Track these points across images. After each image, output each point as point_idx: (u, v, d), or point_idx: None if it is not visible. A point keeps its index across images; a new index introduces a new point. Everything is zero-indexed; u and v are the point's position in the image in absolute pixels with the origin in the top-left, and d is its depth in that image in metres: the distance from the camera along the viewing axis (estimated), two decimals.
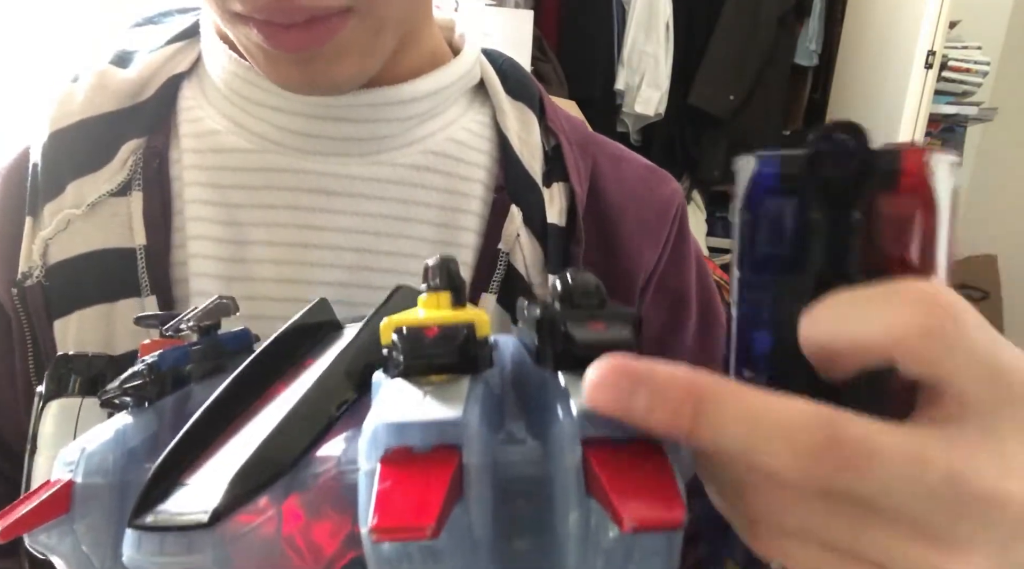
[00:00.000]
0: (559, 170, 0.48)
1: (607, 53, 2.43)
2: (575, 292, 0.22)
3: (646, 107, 2.44)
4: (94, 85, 0.44)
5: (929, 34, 2.05)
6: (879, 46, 2.31)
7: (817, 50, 2.57)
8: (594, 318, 0.22)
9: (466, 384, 0.21)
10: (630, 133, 2.59)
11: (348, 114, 0.43)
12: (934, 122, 2.30)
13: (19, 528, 0.24)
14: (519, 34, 1.93)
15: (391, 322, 0.22)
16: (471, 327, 0.22)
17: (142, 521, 0.21)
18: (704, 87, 2.49)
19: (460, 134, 0.48)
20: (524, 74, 0.52)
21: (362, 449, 0.19)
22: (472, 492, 0.18)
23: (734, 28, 2.46)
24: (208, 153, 0.44)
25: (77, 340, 0.41)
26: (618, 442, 0.19)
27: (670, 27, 2.42)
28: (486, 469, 0.19)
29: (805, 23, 2.54)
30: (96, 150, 0.43)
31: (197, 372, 0.29)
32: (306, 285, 0.43)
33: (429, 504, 0.17)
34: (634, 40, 2.39)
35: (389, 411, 0.19)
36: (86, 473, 0.25)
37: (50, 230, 0.41)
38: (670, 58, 2.44)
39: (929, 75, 2.08)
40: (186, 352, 0.29)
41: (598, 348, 0.20)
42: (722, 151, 2.57)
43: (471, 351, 0.21)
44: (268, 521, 0.21)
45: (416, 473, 0.18)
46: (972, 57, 2.32)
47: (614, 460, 0.18)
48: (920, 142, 2.05)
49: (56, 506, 0.24)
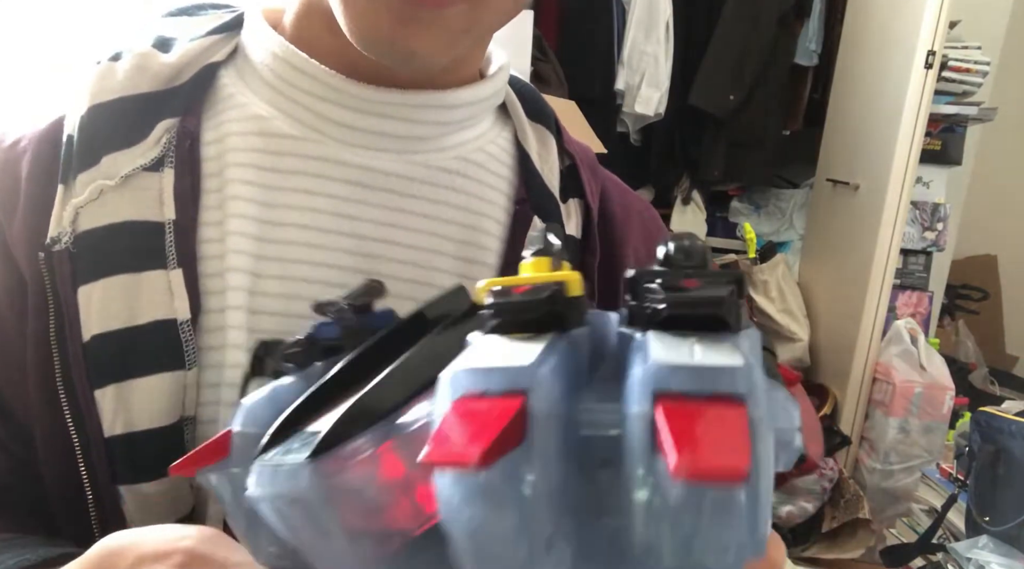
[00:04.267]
0: (574, 187, 0.53)
1: (607, 53, 2.43)
2: (675, 254, 0.22)
3: (646, 107, 2.44)
4: (136, 66, 0.45)
5: (929, 34, 2.05)
6: (879, 46, 2.31)
7: (817, 50, 2.57)
8: (689, 276, 0.21)
9: (549, 338, 0.20)
10: (630, 133, 2.59)
11: (392, 111, 0.46)
12: (934, 122, 2.29)
13: (186, 466, 0.28)
14: (519, 34, 1.93)
15: (490, 282, 0.22)
16: (561, 285, 0.21)
17: (263, 457, 0.23)
18: (704, 87, 2.49)
19: (489, 147, 0.51)
20: (540, 98, 0.56)
21: (439, 395, 0.20)
22: (536, 440, 0.18)
23: (734, 28, 2.46)
24: (252, 136, 0.45)
25: (101, 308, 0.41)
26: (697, 397, 0.17)
27: (670, 27, 2.42)
28: (553, 419, 0.19)
29: (805, 23, 2.53)
30: (132, 127, 0.44)
31: (348, 344, 0.32)
32: (335, 269, 0.45)
33: (481, 439, 0.17)
34: (634, 40, 2.39)
35: (467, 360, 0.20)
36: (243, 423, 0.28)
37: (83, 198, 0.42)
38: (670, 58, 2.44)
39: (929, 75, 2.08)
40: (338, 326, 0.32)
41: (687, 304, 0.20)
42: (722, 151, 2.57)
43: (557, 308, 0.21)
44: (364, 461, 0.22)
45: (479, 415, 0.18)
46: (972, 57, 2.32)
47: (685, 414, 0.17)
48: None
49: (218, 450, 0.28)
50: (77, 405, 0.42)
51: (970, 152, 2.57)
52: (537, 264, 0.23)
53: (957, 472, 1.85)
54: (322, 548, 0.22)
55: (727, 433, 0.16)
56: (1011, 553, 1.53)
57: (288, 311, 0.44)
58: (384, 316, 0.34)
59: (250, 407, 0.28)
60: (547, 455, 0.18)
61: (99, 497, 0.43)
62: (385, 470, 0.22)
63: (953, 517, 1.80)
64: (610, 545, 0.20)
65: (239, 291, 0.43)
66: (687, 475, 0.16)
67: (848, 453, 2.36)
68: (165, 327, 0.42)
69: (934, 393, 2.17)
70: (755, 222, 2.80)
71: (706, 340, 0.19)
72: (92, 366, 0.41)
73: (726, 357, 0.18)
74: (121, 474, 0.42)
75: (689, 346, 0.19)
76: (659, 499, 0.17)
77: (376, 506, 0.22)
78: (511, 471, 0.17)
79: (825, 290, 2.62)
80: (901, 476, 2.19)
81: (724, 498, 0.17)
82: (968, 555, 1.56)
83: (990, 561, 1.52)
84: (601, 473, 0.20)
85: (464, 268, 0.48)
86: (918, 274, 2.45)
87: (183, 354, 0.42)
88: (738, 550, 0.17)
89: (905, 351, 2.24)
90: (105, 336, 0.41)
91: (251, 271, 0.44)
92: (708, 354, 0.18)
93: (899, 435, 2.20)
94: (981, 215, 2.93)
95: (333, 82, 0.44)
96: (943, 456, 2.11)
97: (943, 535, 1.81)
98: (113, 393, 0.41)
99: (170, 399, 0.42)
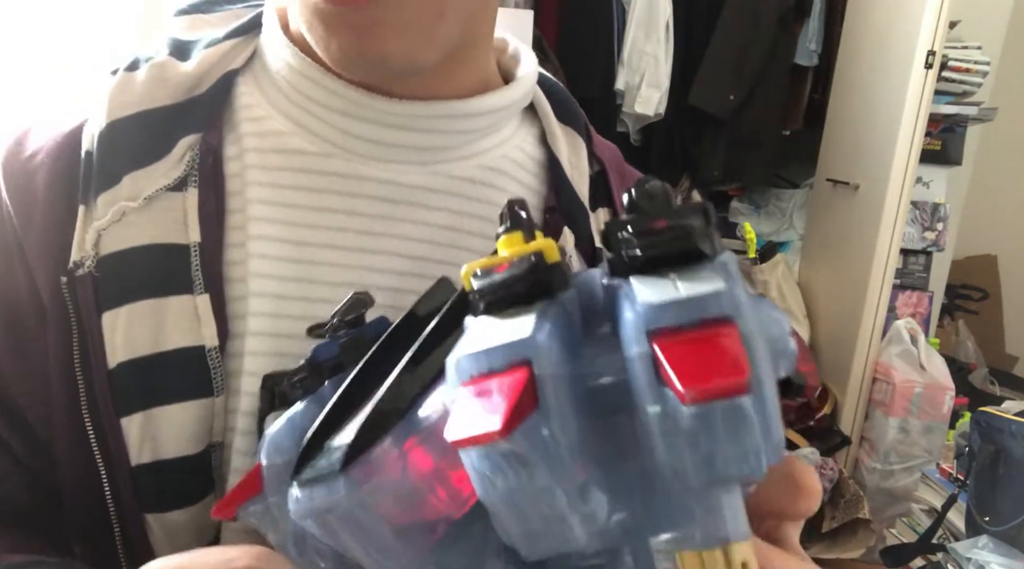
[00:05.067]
0: (603, 195, 0.51)
1: (607, 53, 2.43)
2: (639, 200, 0.22)
3: (646, 107, 2.44)
4: (155, 77, 0.44)
5: (929, 34, 2.05)
6: (879, 46, 2.31)
7: (817, 50, 2.56)
8: (657, 217, 0.21)
9: (539, 306, 0.21)
10: (630, 133, 2.59)
11: (411, 123, 0.44)
12: (934, 122, 2.29)
13: (226, 507, 0.29)
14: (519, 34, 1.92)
15: (470, 267, 0.23)
16: (539, 254, 0.22)
17: (297, 478, 0.24)
18: (704, 87, 2.49)
19: (514, 153, 0.49)
20: (570, 98, 0.53)
21: (448, 383, 0.21)
22: (549, 402, 0.19)
23: (734, 28, 2.46)
24: (271, 153, 0.44)
25: (125, 334, 0.40)
26: (689, 327, 0.18)
27: (670, 27, 2.42)
28: (560, 379, 0.19)
29: (805, 23, 2.53)
30: (153, 143, 0.42)
31: (349, 359, 0.32)
32: (361, 289, 0.44)
33: (498, 412, 0.18)
34: (634, 40, 2.39)
35: (467, 344, 0.20)
36: (268, 455, 0.29)
37: (105, 221, 0.41)
38: (670, 58, 2.44)
39: (929, 75, 2.08)
40: (336, 344, 0.33)
41: (660, 244, 0.21)
42: (722, 151, 2.57)
43: (541, 276, 0.22)
44: (393, 462, 0.23)
45: (490, 391, 0.19)
46: (972, 57, 2.32)
47: (680, 343, 0.18)
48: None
49: (252, 486, 0.29)
50: (103, 433, 0.40)
51: (970, 152, 2.57)
52: (510, 240, 0.23)
53: (957, 472, 1.85)
54: (373, 550, 0.23)
55: (723, 352, 0.18)
56: (1011, 553, 1.53)
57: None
58: (378, 324, 0.35)
59: (272, 438, 0.29)
60: (562, 412, 0.19)
61: (125, 525, 0.42)
62: (415, 465, 0.23)
63: (953, 517, 1.80)
64: (640, 482, 0.21)
65: (260, 317, 0.42)
66: (695, 398, 0.17)
67: (848, 453, 2.36)
68: (192, 354, 0.41)
69: (934, 393, 2.17)
70: (755, 222, 2.80)
71: (685, 272, 0.20)
72: (118, 394, 0.40)
73: (708, 284, 0.19)
74: (148, 503, 0.41)
75: (671, 282, 0.20)
76: (674, 426, 0.18)
77: (415, 500, 0.23)
78: (532, 433, 0.18)
79: (825, 290, 2.62)
80: (901, 476, 2.20)
81: (733, 409, 0.18)
82: (968, 555, 1.56)
83: (990, 561, 1.52)
84: (616, 419, 0.21)
85: None
86: (918, 274, 2.45)
87: (211, 381, 0.41)
88: (757, 455, 0.18)
89: (905, 351, 2.24)
90: (131, 364, 0.40)
91: (275, 294, 0.42)
92: (690, 285, 0.19)
93: (899, 435, 2.20)
94: (981, 215, 2.93)
95: (355, 97, 0.43)
96: (943, 456, 2.11)
97: (943, 535, 1.81)
98: (140, 421, 0.40)
99: (198, 426, 0.41)
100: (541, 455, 0.19)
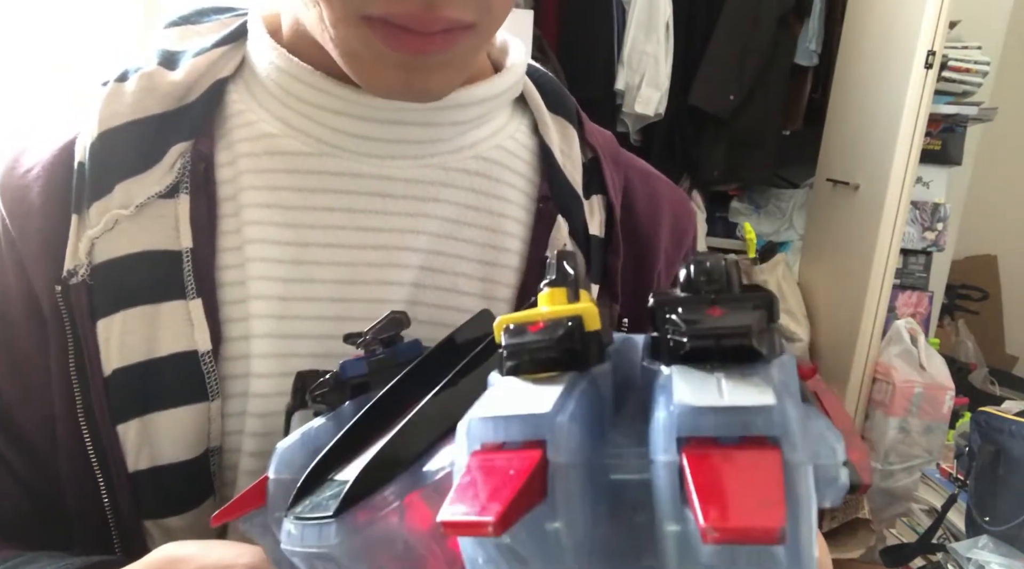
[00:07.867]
0: (597, 183, 0.50)
1: (607, 53, 2.43)
2: (696, 277, 0.20)
3: (646, 107, 2.43)
4: (144, 87, 0.44)
5: (929, 34, 2.04)
6: (879, 46, 2.31)
7: (817, 50, 2.56)
8: (714, 304, 0.19)
9: (568, 378, 0.19)
10: (630, 133, 2.58)
11: (402, 117, 0.44)
12: (934, 122, 2.29)
13: (225, 516, 0.28)
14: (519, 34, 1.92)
15: (503, 320, 0.21)
16: (577, 320, 0.20)
17: (292, 512, 0.23)
18: (704, 87, 2.48)
19: (508, 143, 0.49)
20: (560, 88, 0.53)
21: (457, 446, 0.19)
22: (558, 492, 0.17)
23: (734, 28, 2.46)
24: (264, 156, 0.44)
25: (120, 341, 0.41)
26: (726, 442, 0.16)
27: (670, 27, 2.42)
28: (576, 468, 0.17)
29: (805, 23, 2.53)
30: (144, 152, 0.43)
31: (376, 380, 0.32)
32: (363, 286, 0.44)
33: (498, 499, 0.16)
34: (634, 40, 2.39)
35: (484, 407, 0.19)
36: (277, 470, 0.28)
37: (98, 229, 0.41)
38: (670, 58, 2.43)
39: (929, 75, 2.07)
40: (364, 363, 0.32)
41: (711, 336, 0.18)
42: (722, 151, 2.57)
43: (575, 345, 0.20)
44: (390, 513, 0.22)
45: (499, 469, 0.17)
46: (972, 57, 2.32)
47: (713, 462, 0.16)
48: None
49: (255, 498, 0.28)
50: (100, 440, 0.41)
51: (970, 152, 2.57)
52: (552, 295, 0.21)
53: (957, 472, 1.85)
54: None
55: (760, 483, 0.15)
56: (1011, 553, 1.53)
57: (320, 332, 0.43)
58: (411, 347, 0.34)
59: (282, 453, 0.29)
60: (572, 508, 0.17)
61: (124, 532, 0.42)
62: (413, 521, 0.21)
63: (953, 517, 1.80)
64: None
65: (264, 319, 0.42)
66: (717, 538, 0.15)
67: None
68: (186, 359, 0.41)
69: (934, 393, 2.17)
70: (755, 222, 2.80)
71: (734, 373, 0.18)
72: (114, 401, 0.41)
73: (756, 394, 0.17)
74: (147, 509, 0.41)
75: (716, 382, 0.17)
76: (692, 555, 0.16)
77: (408, 556, 0.21)
78: (536, 527, 0.17)
79: (825, 290, 2.62)
80: (901, 476, 2.19)
81: (760, 556, 0.16)
82: (968, 555, 1.56)
83: (990, 561, 1.52)
84: (636, 516, 0.19)
85: (487, 271, 0.47)
86: (918, 274, 2.45)
87: (206, 386, 0.41)
88: None
89: (905, 351, 2.24)
90: (126, 370, 0.41)
91: (278, 296, 0.42)
92: (736, 391, 0.17)
93: (899, 435, 2.20)
94: (981, 215, 2.93)
95: (345, 94, 0.43)
96: (943, 456, 2.11)
97: (943, 535, 1.81)
98: (136, 427, 0.41)
99: (195, 431, 0.41)
100: (541, 553, 0.17)
